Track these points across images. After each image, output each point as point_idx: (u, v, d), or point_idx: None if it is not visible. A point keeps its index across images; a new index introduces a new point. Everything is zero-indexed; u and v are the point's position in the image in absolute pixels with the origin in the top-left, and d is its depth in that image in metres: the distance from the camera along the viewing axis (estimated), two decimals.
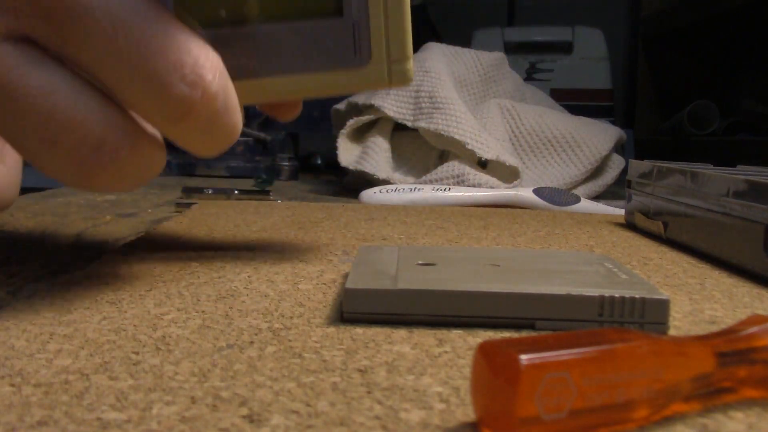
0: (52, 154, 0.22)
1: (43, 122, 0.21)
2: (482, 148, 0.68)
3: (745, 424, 0.16)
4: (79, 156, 0.22)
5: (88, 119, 0.21)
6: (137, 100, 0.22)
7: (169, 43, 0.22)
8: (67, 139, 0.21)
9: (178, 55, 0.22)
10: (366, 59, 0.30)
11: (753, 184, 0.33)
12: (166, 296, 0.26)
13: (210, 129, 0.23)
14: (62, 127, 0.21)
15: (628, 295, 0.22)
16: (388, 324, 0.23)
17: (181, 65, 0.22)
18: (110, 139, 0.22)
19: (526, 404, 0.13)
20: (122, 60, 0.21)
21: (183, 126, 0.23)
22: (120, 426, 0.15)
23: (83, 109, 0.21)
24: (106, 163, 0.22)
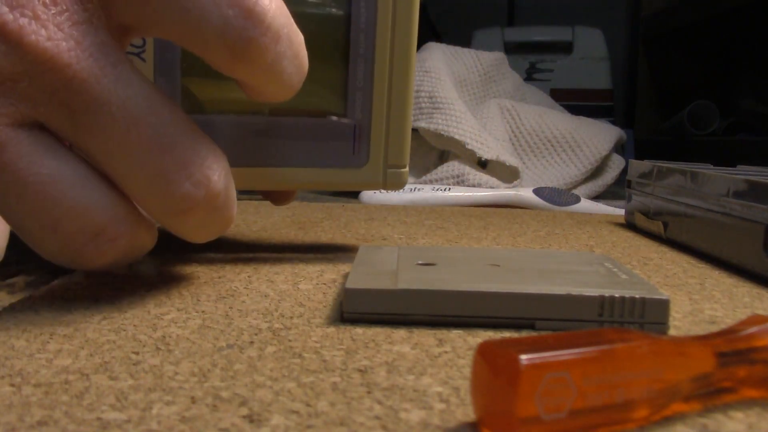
0: (50, 238, 0.22)
1: (47, 209, 0.21)
2: (482, 148, 0.68)
3: (745, 424, 0.16)
4: (78, 242, 0.22)
5: (92, 208, 0.22)
6: (142, 193, 0.22)
7: (179, 143, 0.22)
8: (68, 226, 0.22)
9: (187, 156, 0.22)
10: (363, 161, 0.30)
11: (753, 184, 0.33)
12: (166, 296, 0.26)
13: (207, 223, 0.24)
14: (65, 214, 0.21)
15: (628, 295, 0.22)
16: (388, 324, 0.23)
17: (189, 165, 0.22)
18: (110, 228, 0.22)
19: (526, 404, 0.13)
20: (132, 155, 0.21)
21: (181, 220, 0.23)
22: (120, 426, 0.15)
23: (88, 197, 0.22)
24: (104, 249, 0.22)
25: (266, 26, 0.22)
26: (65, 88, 0.21)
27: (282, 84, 0.24)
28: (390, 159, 0.31)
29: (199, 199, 0.22)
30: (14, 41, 0.20)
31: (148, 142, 0.21)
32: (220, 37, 0.22)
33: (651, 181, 0.45)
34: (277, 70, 0.23)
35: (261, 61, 0.22)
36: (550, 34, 1.59)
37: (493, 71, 0.86)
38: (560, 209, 0.61)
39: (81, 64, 0.20)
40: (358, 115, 0.31)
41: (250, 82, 0.24)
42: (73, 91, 0.21)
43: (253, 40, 0.22)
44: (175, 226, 0.23)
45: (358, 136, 0.31)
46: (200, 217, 0.23)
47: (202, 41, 0.22)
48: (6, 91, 0.20)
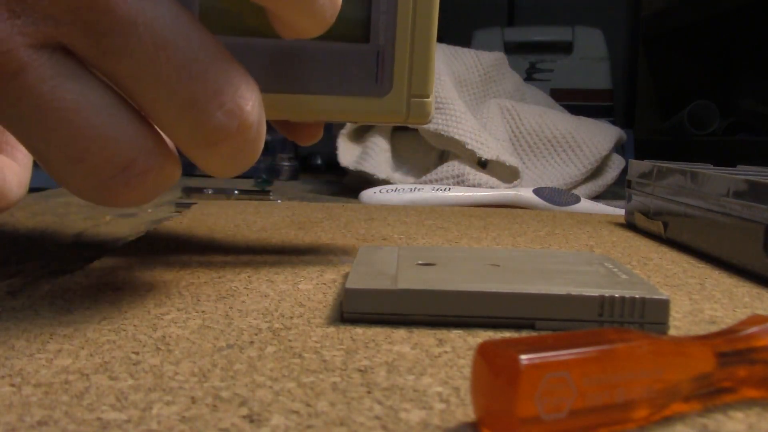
0: (76, 170, 0.21)
1: (72, 138, 0.20)
2: (482, 148, 0.68)
3: (745, 424, 0.16)
4: (105, 175, 0.21)
5: (119, 138, 0.21)
6: (171, 122, 0.21)
7: (211, 69, 0.21)
8: (94, 158, 0.21)
9: (220, 83, 0.21)
10: (387, 89, 0.30)
11: (753, 184, 0.33)
12: (166, 296, 0.26)
13: (235, 156, 0.23)
14: (91, 144, 0.20)
15: (628, 295, 0.22)
16: (388, 324, 0.23)
17: (222, 93, 0.21)
18: (140, 160, 0.21)
19: (526, 404, 0.13)
20: (161, 81, 0.20)
21: (211, 152, 0.22)
22: (120, 426, 0.15)
23: (115, 127, 0.21)
24: (133, 183, 0.21)
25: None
26: (89, 7, 0.19)
27: (315, 16, 0.23)
28: (414, 88, 0.30)
29: (232, 130, 0.21)
30: None
31: (177, 66, 0.20)
32: None
33: (651, 181, 0.45)
34: (310, 2, 0.22)
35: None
36: (550, 34, 1.59)
37: (493, 71, 0.86)
38: (560, 209, 0.61)
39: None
40: (381, 41, 0.30)
41: (283, 15, 0.23)
42: (97, 10, 0.20)
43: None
44: (202, 158, 0.22)
45: (381, 63, 0.30)
46: (230, 149, 0.22)
47: None
48: (27, 9, 0.19)
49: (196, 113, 0.21)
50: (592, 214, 0.58)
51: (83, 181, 0.21)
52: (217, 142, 0.22)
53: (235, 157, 0.23)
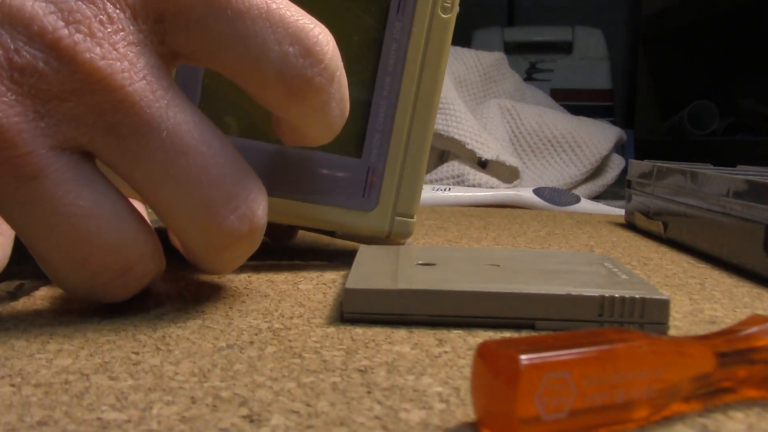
0: (76, 272, 0.21)
1: (79, 243, 0.20)
2: (482, 148, 0.68)
3: (745, 424, 0.16)
4: (104, 278, 0.21)
5: (125, 245, 0.21)
6: (184, 226, 0.21)
7: (228, 174, 0.21)
8: (97, 262, 0.21)
9: (235, 188, 0.21)
10: (373, 205, 0.30)
11: (753, 184, 0.33)
12: (166, 296, 0.26)
13: (241, 256, 0.23)
14: (97, 251, 0.20)
15: (629, 295, 0.22)
16: (388, 324, 0.23)
17: (236, 198, 0.21)
18: (139, 265, 0.21)
19: (526, 404, 0.13)
20: (178, 185, 0.20)
21: (220, 255, 0.22)
22: (120, 426, 0.15)
23: (122, 234, 0.21)
24: (130, 286, 0.22)
25: (324, 66, 0.22)
26: (114, 110, 0.20)
27: (327, 126, 0.24)
28: (399, 207, 0.30)
29: (243, 234, 0.22)
30: (67, 58, 0.19)
31: (196, 172, 0.21)
32: (279, 73, 0.21)
33: (651, 181, 0.45)
34: (325, 111, 0.23)
35: (314, 101, 0.22)
36: (550, 34, 1.59)
37: (493, 71, 0.86)
38: (560, 209, 0.61)
39: (134, 86, 0.20)
40: (373, 158, 0.30)
41: (297, 123, 0.23)
42: (122, 113, 0.20)
43: (311, 79, 0.21)
44: (211, 260, 0.23)
45: (371, 179, 0.30)
46: (239, 251, 0.22)
47: (260, 77, 0.21)
48: (51, 111, 0.19)
49: (211, 217, 0.21)
50: (592, 214, 0.58)
51: (81, 282, 0.21)
52: (229, 246, 0.22)
53: (240, 257, 0.23)
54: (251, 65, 0.21)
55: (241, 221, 0.21)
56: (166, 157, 0.20)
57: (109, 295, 0.22)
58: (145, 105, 0.20)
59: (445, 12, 0.30)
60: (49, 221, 0.20)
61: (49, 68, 0.19)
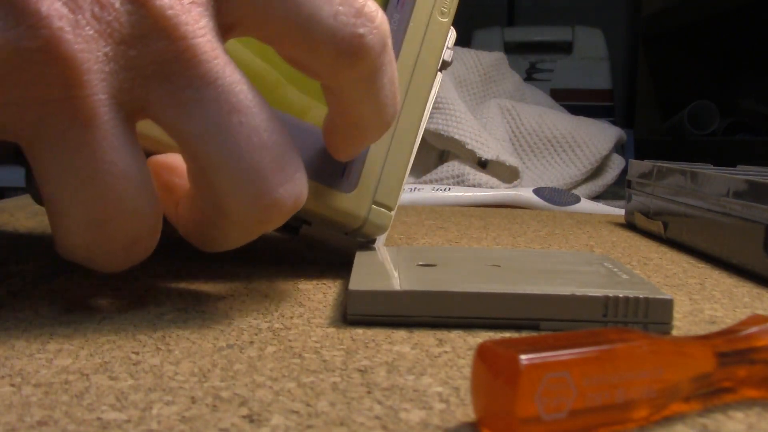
0: (88, 234, 0.20)
1: (106, 204, 0.20)
2: (482, 148, 0.69)
3: (745, 424, 0.16)
4: (115, 246, 0.21)
5: (142, 216, 0.21)
6: (230, 190, 0.21)
7: (278, 143, 0.21)
8: (112, 228, 0.20)
9: (285, 158, 0.21)
10: (351, 187, 0.28)
11: (753, 184, 0.33)
12: (166, 296, 0.26)
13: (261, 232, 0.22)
14: (119, 215, 0.20)
15: (632, 295, 0.22)
16: (389, 325, 0.23)
17: (284, 170, 0.21)
18: (144, 240, 0.21)
19: (526, 404, 0.13)
20: (230, 143, 0.20)
21: (256, 228, 0.22)
22: (120, 426, 0.15)
23: (144, 203, 0.20)
24: (132, 257, 0.21)
25: (375, 26, 0.22)
26: (175, 60, 0.20)
27: (378, 107, 0.23)
28: (378, 195, 0.29)
29: (287, 210, 0.21)
30: (141, 1, 0.19)
31: (248, 132, 0.20)
32: (330, 32, 0.21)
33: (651, 181, 0.45)
34: (376, 85, 0.23)
35: (366, 64, 0.22)
36: (550, 34, 1.59)
37: (493, 71, 0.86)
38: (560, 209, 0.61)
39: (196, 39, 0.20)
40: None
41: (347, 98, 0.23)
42: (182, 64, 0.20)
43: (363, 37, 0.21)
44: (236, 231, 0.22)
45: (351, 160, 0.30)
46: (271, 226, 0.22)
47: (310, 39, 0.21)
48: (117, 56, 0.19)
49: (261, 185, 0.21)
50: (592, 214, 0.58)
51: (89, 245, 0.21)
52: (268, 219, 0.21)
53: (256, 234, 0.23)
54: (302, 26, 0.21)
55: (289, 195, 0.21)
56: (221, 112, 0.20)
57: (108, 264, 0.21)
58: (204, 59, 0.20)
59: (443, 16, 0.30)
60: (84, 174, 0.19)
61: (124, 9, 0.19)
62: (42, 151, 0.19)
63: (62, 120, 0.19)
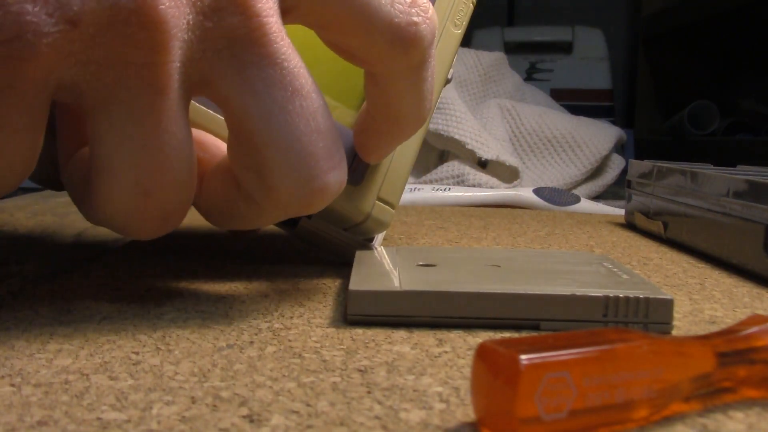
0: (132, 200, 0.20)
1: (158, 172, 0.20)
2: (482, 148, 0.69)
3: (745, 424, 0.16)
4: (155, 215, 0.21)
5: (186, 189, 0.21)
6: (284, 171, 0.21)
7: (330, 128, 0.21)
8: (158, 198, 0.20)
9: (335, 146, 0.22)
10: (358, 180, 0.29)
11: (753, 184, 0.33)
12: (166, 296, 0.26)
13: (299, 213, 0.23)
14: (167, 186, 0.20)
15: (633, 295, 0.22)
16: (389, 325, 0.23)
17: (333, 157, 0.22)
18: (179, 212, 0.21)
19: (526, 404, 0.13)
20: (290, 123, 0.20)
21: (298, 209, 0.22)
22: (120, 426, 0.15)
23: (189, 174, 0.21)
24: (166, 227, 0.22)
25: (429, 16, 0.22)
26: (245, 38, 0.20)
27: (420, 98, 0.24)
28: (383, 192, 0.30)
29: (332, 194, 0.22)
30: None
31: (307, 116, 0.21)
32: (388, 17, 0.21)
33: (651, 181, 0.45)
34: (423, 76, 0.23)
35: (418, 53, 0.22)
36: (550, 34, 1.59)
37: (493, 71, 0.86)
38: (560, 209, 0.61)
39: (268, 18, 0.20)
40: None
41: (394, 85, 0.23)
42: (251, 42, 0.20)
43: (418, 25, 0.22)
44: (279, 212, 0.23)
45: None
46: (316, 208, 0.22)
47: (367, 24, 0.21)
48: (195, 27, 0.19)
49: (312, 166, 0.21)
50: (592, 214, 0.58)
51: (132, 211, 0.21)
52: (313, 203, 0.22)
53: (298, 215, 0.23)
54: (360, 12, 0.21)
55: (335, 181, 0.22)
56: (284, 93, 0.20)
57: (141, 232, 0.22)
58: (273, 39, 0.20)
59: (456, 27, 0.31)
60: (145, 141, 0.19)
61: None
62: (108, 113, 0.19)
63: (138, 84, 0.19)
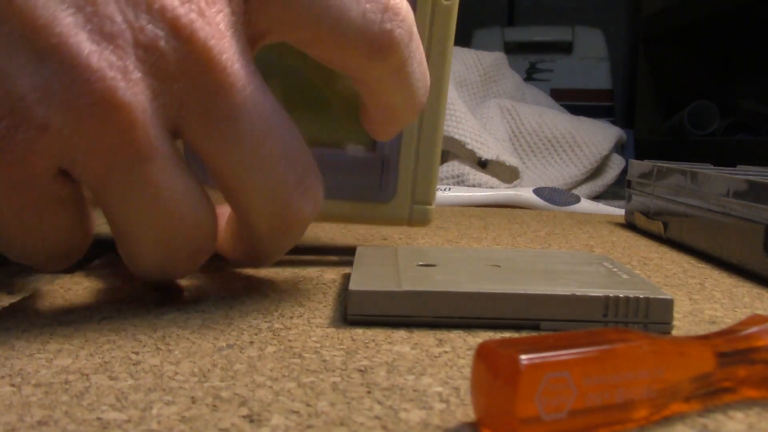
0: (159, 251, 0.22)
1: (171, 223, 0.21)
2: (482, 148, 0.69)
3: (745, 424, 0.16)
4: (181, 258, 0.22)
5: (204, 225, 0.22)
6: (257, 206, 0.22)
7: (301, 156, 0.22)
8: (180, 242, 0.21)
9: (306, 170, 0.22)
10: (390, 196, 0.30)
11: (753, 184, 0.33)
12: (166, 296, 0.26)
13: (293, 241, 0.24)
14: (185, 230, 0.21)
15: (633, 295, 0.22)
16: (389, 325, 0.23)
17: (305, 179, 0.22)
18: (208, 244, 0.22)
19: (526, 404, 0.13)
20: (261, 166, 0.21)
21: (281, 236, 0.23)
22: (120, 426, 0.15)
23: (204, 214, 0.22)
24: (196, 264, 0.23)
25: (402, 18, 0.22)
26: (214, 93, 0.20)
27: (410, 92, 0.24)
28: (417, 195, 0.31)
29: (308, 216, 0.23)
30: (185, 36, 0.19)
31: (277, 154, 0.21)
32: (360, 31, 0.21)
33: (651, 181, 0.45)
34: (407, 72, 0.23)
35: (396, 56, 0.22)
36: (550, 34, 1.59)
37: (493, 71, 0.86)
38: (560, 209, 0.61)
39: (233, 67, 0.20)
40: (387, 150, 0.31)
41: (381, 90, 0.23)
42: (220, 96, 0.20)
43: (391, 32, 0.22)
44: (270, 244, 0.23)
45: (386, 171, 0.31)
46: (296, 236, 0.23)
47: (342, 38, 0.22)
48: (164, 91, 0.20)
49: (285, 197, 0.22)
50: (592, 214, 0.58)
51: (161, 261, 0.22)
52: (291, 227, 0.23)
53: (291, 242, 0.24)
54: (332, 28, 0.21)
55: (308, 202, 0.22)
56: (254, 140, 0.21)
57: (180, 272, 0.23)
58: (240, 88, 0.20)
59: None
60: (149, 203, 0.20)
61: (169, 47, 0.19)
62: (111, 193, 0.20)
63: (125, 162, 0.20)
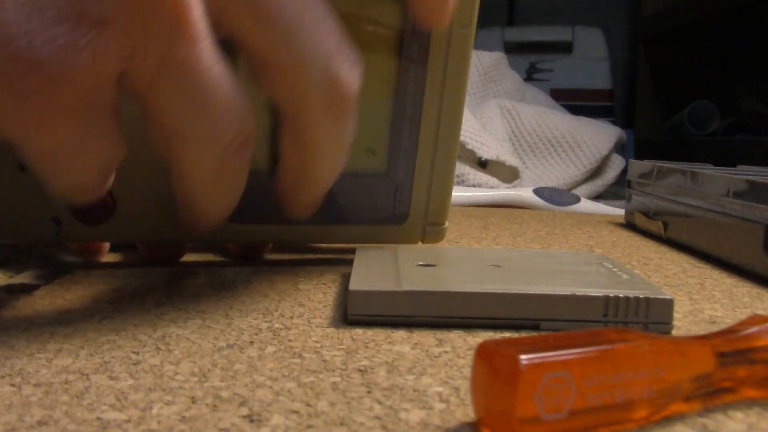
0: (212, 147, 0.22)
1: (223, 114, 0.21)
2: (482, 148, 0.69)
3: (745, 424, 0.16)
4: (231, 150, 0.22)
5: (248, 115, 0.22)
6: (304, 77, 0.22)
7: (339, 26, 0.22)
8: (231, 134, 0.22)
9: (344, 40, 0.23)
10: (403, 219, 0.30)
11: (753, 184, 0.33)
12: (166, 296, 0.26)
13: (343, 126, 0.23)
14: (234, 122, 0.21)
15: (633, 295, 0.22)
16: (389, 325, 0.23)
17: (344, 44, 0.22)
18: (252, 136, 0.22)
19: (526, 404, 0.13)
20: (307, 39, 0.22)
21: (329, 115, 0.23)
22: (120, 426, 0.15)
23: (244, 104, 0.22)
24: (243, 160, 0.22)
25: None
26: None
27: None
28: (430, 217, 0.31)
29: (356, 86, 0.23)
30: None
31: (317, 24, 0.22)
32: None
33: (651, 181, 0.45)
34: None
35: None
36: (550, 34, 1.59)
37: (493, 71, 0.86)
38: (560, 209, 0.61)
39: None
40: (400, 176, 0.30)
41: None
42: None
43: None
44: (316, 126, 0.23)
45: (399, 196, 0.31)
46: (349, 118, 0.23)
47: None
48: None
49: (334, 64, 0.22)
50: (592, 214, 0.58)
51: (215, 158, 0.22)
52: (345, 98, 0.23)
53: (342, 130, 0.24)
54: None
55: (352, 70, 0.23)
56: (296, 10, 0.21)
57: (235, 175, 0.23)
58: None
59: (463, 27, 0.29)
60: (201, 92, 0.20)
61: None
62: (165, 86, 0.20)
63: (182, 44, 0.20)
